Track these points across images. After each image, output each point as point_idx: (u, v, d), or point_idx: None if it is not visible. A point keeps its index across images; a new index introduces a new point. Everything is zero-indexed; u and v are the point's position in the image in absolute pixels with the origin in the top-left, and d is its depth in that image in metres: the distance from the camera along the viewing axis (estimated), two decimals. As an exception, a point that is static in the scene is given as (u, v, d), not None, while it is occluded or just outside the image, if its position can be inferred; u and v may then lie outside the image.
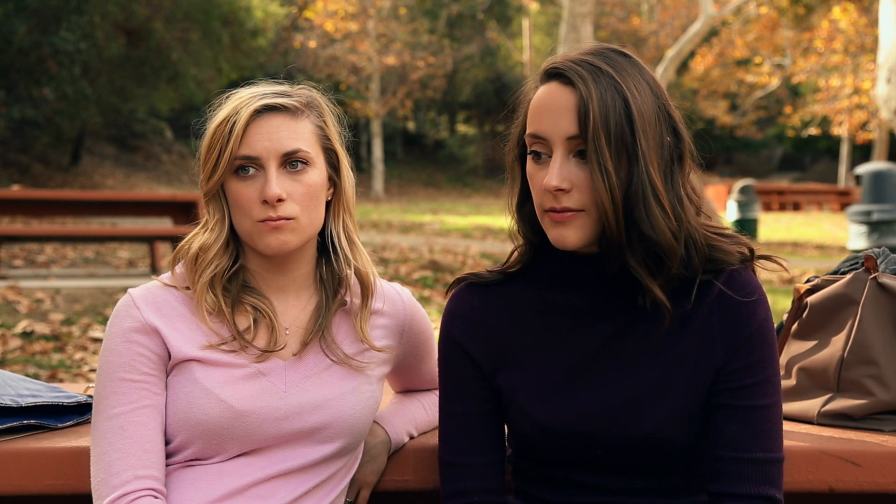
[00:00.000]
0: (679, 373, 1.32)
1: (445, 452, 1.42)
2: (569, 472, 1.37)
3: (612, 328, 1.34)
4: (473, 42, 31.31)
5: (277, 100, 1.42)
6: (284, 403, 1.42)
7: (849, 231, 10.22)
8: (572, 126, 1.23)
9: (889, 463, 1.58)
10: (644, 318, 1.33)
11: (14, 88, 17.94)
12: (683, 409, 1.32)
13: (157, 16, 19.09)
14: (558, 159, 1.25)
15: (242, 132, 1.39)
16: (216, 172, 1.41)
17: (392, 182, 30.23)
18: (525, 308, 1.40)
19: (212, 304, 1.43)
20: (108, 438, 1.36)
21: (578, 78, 1.24)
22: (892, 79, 9.59)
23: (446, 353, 1.43)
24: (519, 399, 1.37)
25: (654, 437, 1.31)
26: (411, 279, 8.12)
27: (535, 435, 1.36)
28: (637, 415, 1.31)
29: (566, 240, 1.27)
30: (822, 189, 26.55)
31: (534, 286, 1.40)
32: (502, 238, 13.38)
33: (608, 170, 1.21)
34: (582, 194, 1.25)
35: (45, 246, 10.33)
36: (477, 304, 1.41)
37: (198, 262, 1.44)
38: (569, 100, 1.24)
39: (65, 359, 4.96)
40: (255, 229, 1.41)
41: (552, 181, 1.24)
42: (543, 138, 1.26)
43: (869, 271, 1.73)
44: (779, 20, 22.45)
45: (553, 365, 1.36)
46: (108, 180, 21.81)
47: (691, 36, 14.62)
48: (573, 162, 1.25)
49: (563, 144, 1.25)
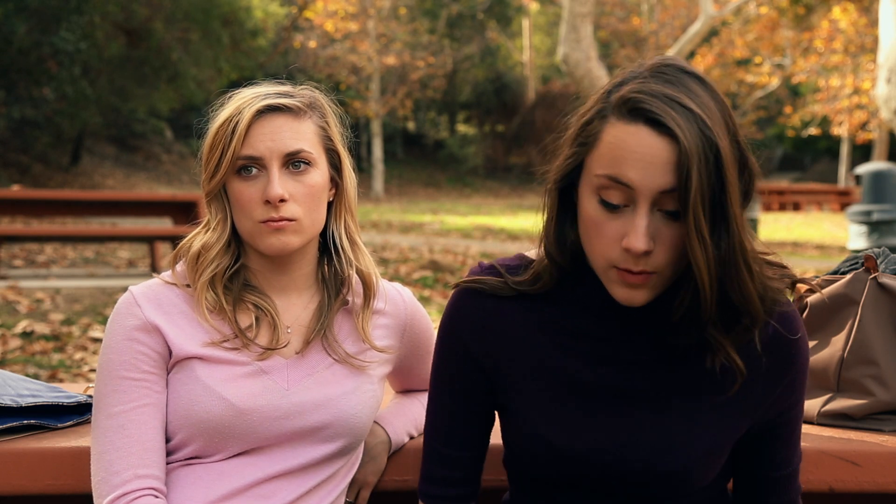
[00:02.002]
0: (714, 413, 1.26)
1: (434, 440, 1.39)
2: (572, 498, 1.32)
3: (646, 361, 1.26)
4: (473, 42, 31.30)
5: (280, 100, 1.42)
6: (286, 402, 1.42)
7: (849, 231, 10.22)
8: (669, 180, 1.09)
9: (889, 463, 1.58)
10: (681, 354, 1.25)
11: (14, 88, 17.94)
12: (713, 449, 1.27)
13: (157, 16, 19.09)
14: (644, 216, 1.11)
15: (245, 132, 1.39)
16: (218, 172, 1.41)
17: (392, 182, 30.22)
18: (547, 328, 1.30)
19: (212, 303, 1.43)
20: (109, 437, 1.36)
21: (676, 126, 1.08)
22: (892, 79, 9.60)
23: (447, 351, 1.35)
24: (534, 420, 1.29)
25: (677, 475, 1.25)
26: (411, 279, 8.12)
27: (547, 458, 1.29)
28: (664, 452, 1.25)
29: (635, 300, 1.17)
30: (822, 189, 26.52)
31: (558, 307, 1.29)
32: (502, 238, 13.39)
33: (704, 236, 1.08)
34: (662, 255, 1.13)
35: (45, 246, 10.33)
36: (490, 309, 1.31)
37: (199, 260, 1.44)
38: (666, 151, 1.08)
39: (65, 359, 4.96)
40: (256, 230, 1.41)
41: (640, 245, 1.10)
42: (627, 186, 1.11)
43: (869, 271, 1.73)
44: (779, 20, 22.45)
45: (576, 391, 1.28)
46: (108, 180, 21.81)
47: (691, 36, 14.62)
48: (657, 217, 1.12)
49: (651, 198, 1.10)
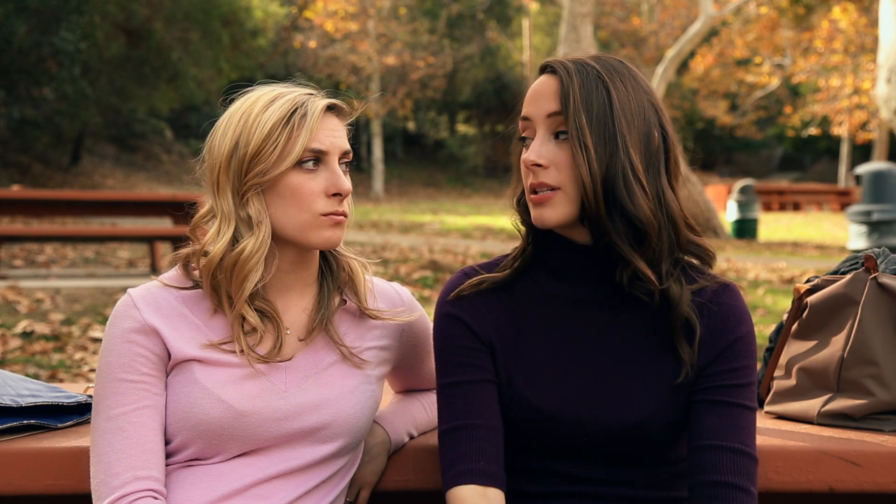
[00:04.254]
0: (667, 367, 1.37)
1: (446, 420, 1.40)
2: (551, 462, 1.40)
3: (606, 319, 1.39)
4: (473, 42, 31.30)
5: (337, 101, 1.46)
6: (285, 403, 1.42)
7: (849, 231, 10.23)
8: (553, 104, 1.32)
9: (889, 463, 1.58)
10: (639, 310, 1.37)
11: (14, 88, 17.95)
12: (669, 402, 1.36)
13: (157, 16, 19.11)
14: (539, 138, 1.34)
15: (317, 126, 1.41)
16: (281, 164, 1.39)
17: (392, 182, 30.23)
18: (524, 296, 1.43)
19: (254, 320, 1.41)
20: (108, 439, 1.36)
21: (562, 68, 1.34)
22: (892, 79, 9.59)
23: (445, 328, 1.43)
24: (514, 382, 1.39)
25: (640, 427, 1.35)
26: (411, 279, 8.12)
27: (525, 419, 1.38)
28: (626, 404, 1.36)
29: (545, 218, 1.34)
30: (822, 189, 26.55)
31: (532, 276, 1.44)
32: (502, 238, 13.39)
33: (587, 145, 1.28)
34: (559, 172, 1.32)
35: (45, 246, 10.33)
36: (475, 283, 1.44)
37: (240, 268, 1.39)
38: (553, 84, 1.34)
39: (65, 359, 4.96)
40: (316, 222, 1.41)
41: (530, 156, 1.33)
42: (528, 119, 1.36)
43: (869, 271, 1.73)
44: (779, 20, 22.46)
45: (549, 352, 1.40)
46: (108, 180, 21.82)
47: (691, 36, 14.62)
48: (553, 142, 1.33)
49: (544, 123, 1.34)
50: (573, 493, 1.39)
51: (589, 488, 1.38)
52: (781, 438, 1.63)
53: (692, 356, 1.35)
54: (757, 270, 9.53)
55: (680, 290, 1.34)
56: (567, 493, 1.39)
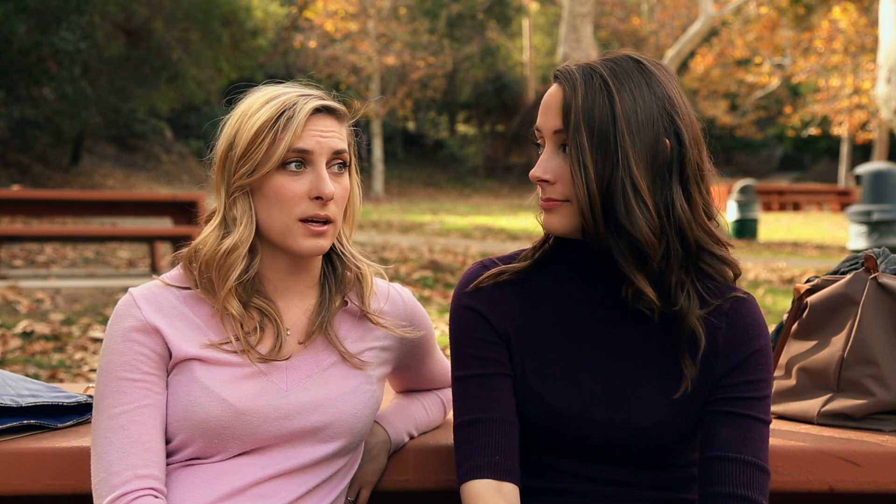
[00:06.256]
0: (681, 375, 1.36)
1: (461, 413, 1.40)
2: (558, 459, 1.40)
3: (622, 321, 1.39)
4: (473, 42, 31.30)
5: (330, 102, 1.44)
6: (286, 402, 1.42)
7: (849, 231, 10.23)
8: (558, 121, 1.33)
9: (889, 463, 1.58)
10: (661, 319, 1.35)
11: (14, 88, 17.95)
12: (681, 409, 1.36)
13: (157, 16, 19.11)
14: (547, 152, 1.36)
15: (301, 127, 1.39)
16: (265, 164, 1.39)
17: (392, 182, 30.22)
18: (541, 293, 1.43)
19: (238, 311, 1.41)
20: (109, 438, 1.36)
21: (568, 79, 1.33)
22: (892, 79, 9.59)
23: (463, 320, 1.42)
24: (528, 378, 1.40)
25: (650, 432, 1.35)
26: (411, 279, 8.13)
27: (535, 415, 1.39)
28: (638, 408, 1.36)
29: (551, 226, 1.36)
30: (822, 189, 26.51)
31: (551, 273, 1.44)
32: (502, 238, 13.39)
33: (585, 164, 1.29)
34: (565, 186, 1.33)
35: (45, 246, 10.33)
36: (495, 273, 1.44)
37: (223, 262, 1.41)
38: (559, 98, 1.34)
39: (65, 359, 4.96)
40: (294, 228, 1.40)
41: (536, 172, 1.36)
42: (539, 131, 1.37)
43: (869, 271, 1.73)
44: (779, 20, 22.46)
45: (564, 350, 1.40)
46: (108, 180, 21.81)
47: (691, 36, 14.62)
48: (560, 156, 1.34)
49: (551, 138, 1.35)
50: (579, 492, 1.39)
51: (596, 488, 1.39)
52: (781, 438, 1.63)
53: (693, 371, 1.34)
54: (757, 270, 9.53)
55: (689, 304, 1.33)
56: (573, 492, 1.40)
